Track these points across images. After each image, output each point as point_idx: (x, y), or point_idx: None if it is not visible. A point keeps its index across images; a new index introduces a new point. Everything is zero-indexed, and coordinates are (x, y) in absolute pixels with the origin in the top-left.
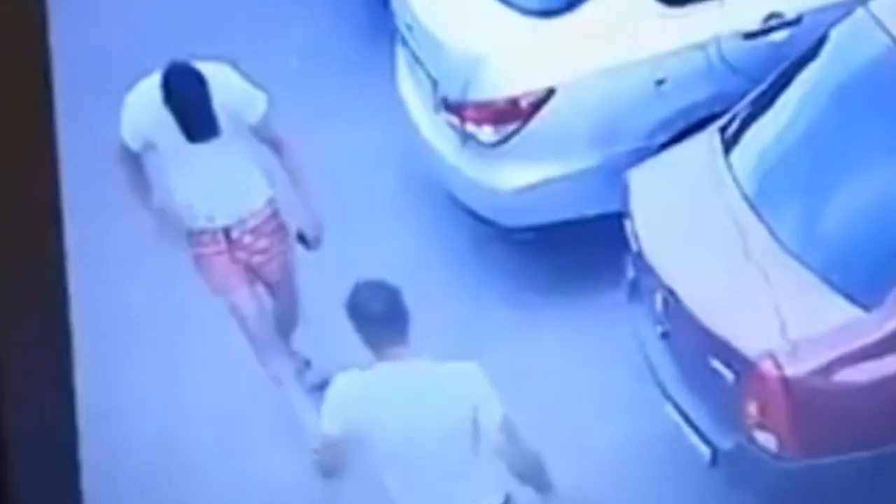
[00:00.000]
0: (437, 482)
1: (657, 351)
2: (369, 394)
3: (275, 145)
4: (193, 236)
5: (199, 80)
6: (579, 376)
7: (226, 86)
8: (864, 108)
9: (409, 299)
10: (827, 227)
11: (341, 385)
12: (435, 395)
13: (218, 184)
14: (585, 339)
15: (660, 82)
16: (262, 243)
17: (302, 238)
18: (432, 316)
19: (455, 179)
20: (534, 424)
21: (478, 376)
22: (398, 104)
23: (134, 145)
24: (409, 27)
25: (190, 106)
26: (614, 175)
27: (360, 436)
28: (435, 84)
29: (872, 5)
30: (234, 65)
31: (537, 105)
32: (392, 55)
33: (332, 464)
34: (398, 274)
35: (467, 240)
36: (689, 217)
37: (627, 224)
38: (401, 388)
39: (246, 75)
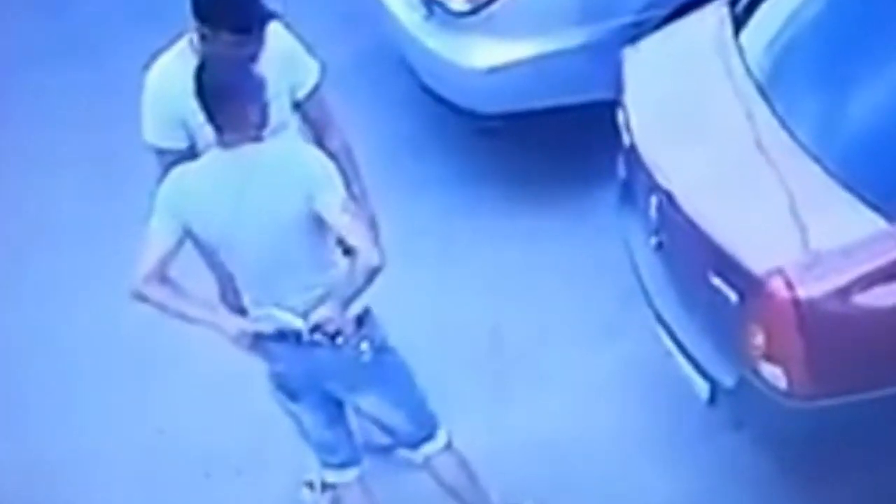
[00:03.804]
0: (278, 280)
1: (650, 266)
2: (195, 184)
3: (317, 126)
4: None
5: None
6: (556, 295)
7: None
8: None
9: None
10: (848, 124)
11: (170, 179)
12: (264, 181)
13: None
14: (565, 252)
15: None
16: None
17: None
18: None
19: (417, 54)
20: (502, 350)
21: (312, 160)
22: None
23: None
24: None
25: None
26: (605, 55)
27: (190, 229)
28: None
29: None
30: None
31: None
32: None
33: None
34: None
35: (424, 124)
36: (692, 106)
37: (619, 114)
38: (227, 176)
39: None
